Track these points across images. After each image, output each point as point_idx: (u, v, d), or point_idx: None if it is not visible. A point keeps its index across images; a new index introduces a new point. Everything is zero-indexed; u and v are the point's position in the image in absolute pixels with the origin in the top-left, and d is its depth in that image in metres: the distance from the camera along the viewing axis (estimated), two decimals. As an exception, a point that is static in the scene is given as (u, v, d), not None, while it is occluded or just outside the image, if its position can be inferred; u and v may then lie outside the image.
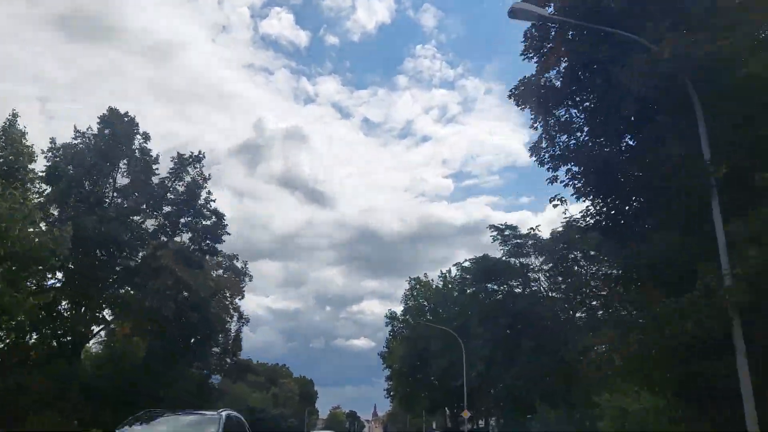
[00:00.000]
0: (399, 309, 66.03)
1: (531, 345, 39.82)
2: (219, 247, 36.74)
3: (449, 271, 62.32)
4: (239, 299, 42.00)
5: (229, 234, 37.18)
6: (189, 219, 35.58)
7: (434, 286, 63.22)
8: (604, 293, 41.90)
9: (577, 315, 42.62)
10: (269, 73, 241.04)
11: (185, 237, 36.08)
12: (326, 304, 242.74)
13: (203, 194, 35.95)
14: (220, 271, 40.61)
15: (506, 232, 44.16)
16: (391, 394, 69.13)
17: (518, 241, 43.74)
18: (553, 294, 43.47)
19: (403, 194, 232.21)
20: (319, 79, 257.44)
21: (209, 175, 36.66)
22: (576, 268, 42.77)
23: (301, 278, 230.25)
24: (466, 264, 47.14)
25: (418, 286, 63.53)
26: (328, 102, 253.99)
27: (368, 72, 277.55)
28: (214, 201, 36.43)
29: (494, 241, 44.85)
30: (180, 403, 36.07)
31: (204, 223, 35.73)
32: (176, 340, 31.89)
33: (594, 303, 41.61)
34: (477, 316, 47.69)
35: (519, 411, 43.33)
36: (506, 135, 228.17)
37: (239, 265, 42.53)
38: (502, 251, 44.35)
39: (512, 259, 44.63)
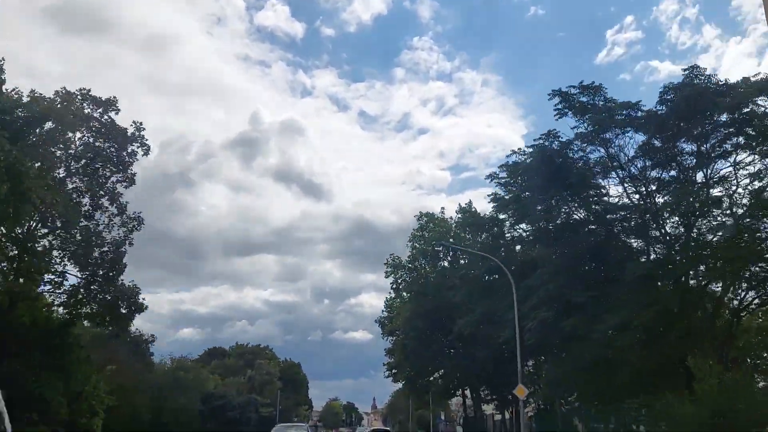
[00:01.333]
0: (404, 256, 48.97)
1: (637, 277, 22.82)
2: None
3: (469, 204, 45.24)
4: (124, 185, 24.79)
5: None
6: None
7: (453, 224, 46.15)
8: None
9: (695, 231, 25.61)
10: (265, 65, 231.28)
11: None
12: (324, 297, 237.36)
13: None
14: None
15: (581, 98, 26.86)
16: (393, 372, 51.98)
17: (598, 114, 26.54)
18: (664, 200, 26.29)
19: (400, 187, 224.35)
20: (316, 71, 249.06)
21: None
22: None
23: (299, 272, 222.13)
24: (513, 159, 29.94)
25: (431, 225, 46.35)
26: (325, 95, 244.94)
27: (365, 64, 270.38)
28: None
29: (560, 116, 27.58)
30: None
31: None
32: None
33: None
34: (533, 241, 30.64)
35: (598, 393, 26.19)
36: (504, 127, 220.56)
37: (129, 127, 25.06)
38: (576, 131, 27.19)
39: (594, 150, 27.55)
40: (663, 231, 26.01)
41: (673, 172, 26.91)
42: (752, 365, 25.67)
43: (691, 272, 24.82)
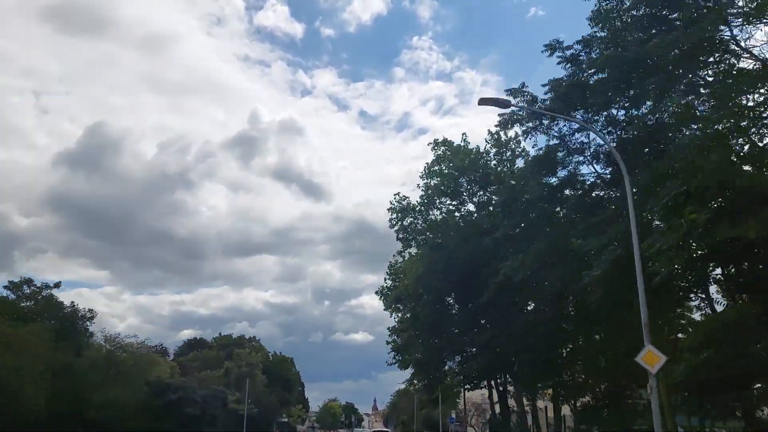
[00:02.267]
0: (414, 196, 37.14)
1: None
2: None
3: (522, 85, 33.20)
4: None
5: None
6: None
7: (481, 149, 34.16)
8: None
9: None
10: (265, 65, 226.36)
11: None
12: (324, 298, 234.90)
13: None
14: None
15: None
16: (397, 357, 40.08)
17: None
18: None
19: (400, 187, 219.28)
20: (316, 71, 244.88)
21: None
22: None
23: (299, 272, 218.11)
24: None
25: (448, 154, 34.38)
26: (325, 94, 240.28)
27: (365, 64, 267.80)
28: None
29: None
30: None
31: None
32: None
33: None
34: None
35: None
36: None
37: None
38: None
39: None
40: None
41: None
42: None
43: None
